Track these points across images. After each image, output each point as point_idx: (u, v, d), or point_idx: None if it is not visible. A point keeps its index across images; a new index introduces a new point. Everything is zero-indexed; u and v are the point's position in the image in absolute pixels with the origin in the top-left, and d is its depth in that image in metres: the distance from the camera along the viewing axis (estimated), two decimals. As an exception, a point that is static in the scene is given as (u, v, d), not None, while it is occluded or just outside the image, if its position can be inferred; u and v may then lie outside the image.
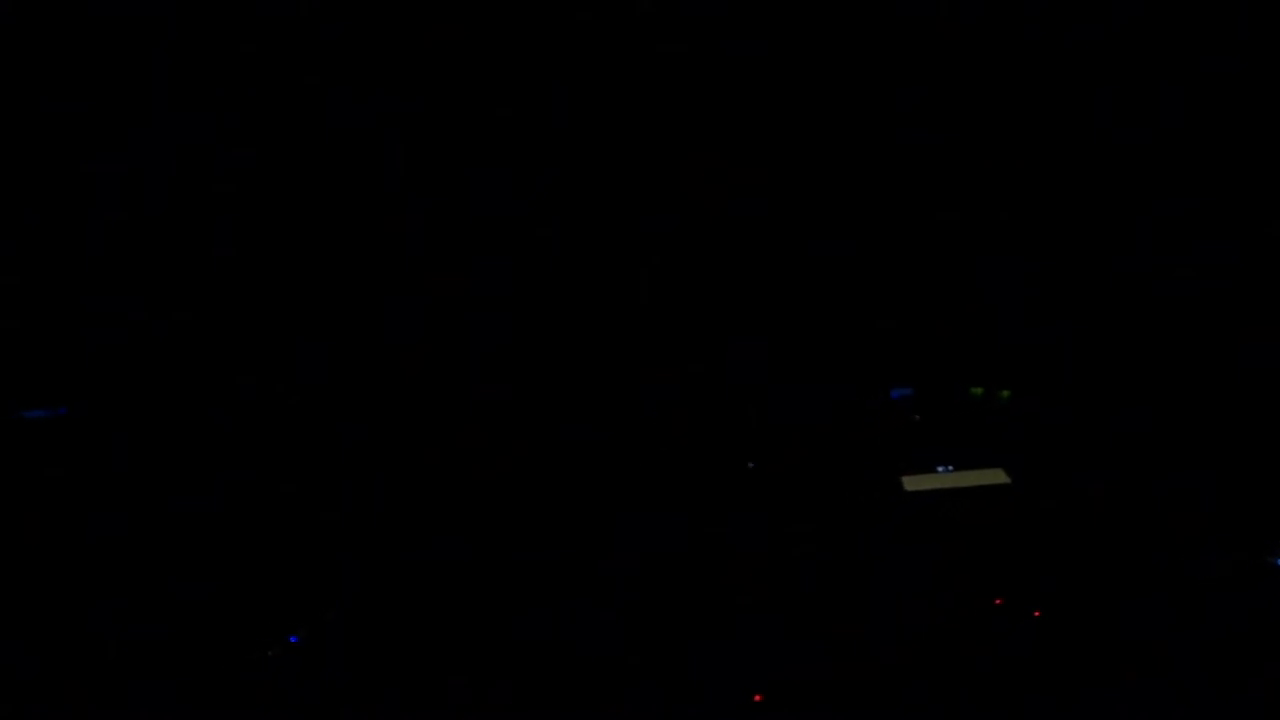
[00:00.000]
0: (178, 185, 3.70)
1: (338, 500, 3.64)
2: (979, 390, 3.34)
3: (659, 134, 4.14)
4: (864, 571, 3.28)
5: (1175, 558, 3.35)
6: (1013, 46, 4.07)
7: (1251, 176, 3.87)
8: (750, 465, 2.97)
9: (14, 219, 3.44)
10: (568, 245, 3.96)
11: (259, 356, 3.72)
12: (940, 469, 2.94)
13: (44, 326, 3.36)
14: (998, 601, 2.97)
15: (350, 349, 3.85)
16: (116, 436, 3.35)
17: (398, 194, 3.99)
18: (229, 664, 3.05)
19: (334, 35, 3.87)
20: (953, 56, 4.11)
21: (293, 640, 3.10)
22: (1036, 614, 2.90)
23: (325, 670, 3.05)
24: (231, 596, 3.24)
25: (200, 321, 3.68)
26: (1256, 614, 3.11)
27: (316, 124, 3.87)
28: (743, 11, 4.13)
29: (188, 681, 2.97)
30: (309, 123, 3.86)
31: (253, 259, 3.77)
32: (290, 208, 3.85)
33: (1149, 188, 4.02)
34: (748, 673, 2.89)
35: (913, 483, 2.34)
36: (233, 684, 2.99)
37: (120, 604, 3.14)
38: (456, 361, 3.88)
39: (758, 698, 2.69)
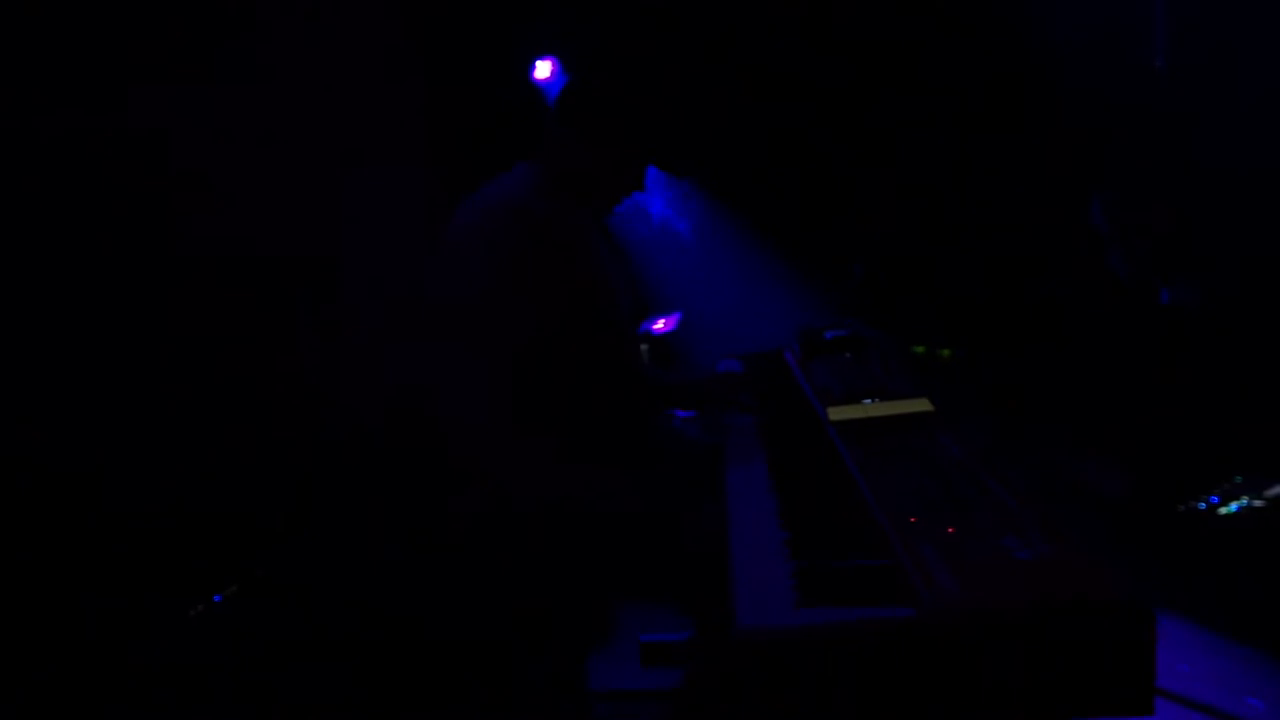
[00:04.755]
0: (177, 184, 3.69)
1: (336, 499, 3.64)
2: (921, 348, 3.30)
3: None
4: None
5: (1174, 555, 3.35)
6: (1012, 46, 4.08)
7: (1252, 176, 3.89)
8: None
9: (13, 219, 3.43)
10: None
11: (259, 356, 3.72)
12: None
13: (44, 326, 3.35)
14: None
15: (349, 349, 3.85)
16: (117, 436, 3.35)
17: (397, 193, 4.00)
18: (228, 663, 3.05)
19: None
20: (953, 56, 4.12)
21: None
22: None
23: (324, 670, 3.04)
24: (230, 595, 3.24)
25: (199, 321, 3.67)
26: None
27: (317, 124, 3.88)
28: (741, 11, 4.15)
29: (188, 681, 2.97)
30: (311, 122, 3.87)
31: (252, 258, 3.77)
32: (290, 207, 3.86)
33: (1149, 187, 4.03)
34: None
35: (836, 413, 2.25)
36: (232, 683, 2.99)
37: (121, 604, 3.13)
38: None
39: None
